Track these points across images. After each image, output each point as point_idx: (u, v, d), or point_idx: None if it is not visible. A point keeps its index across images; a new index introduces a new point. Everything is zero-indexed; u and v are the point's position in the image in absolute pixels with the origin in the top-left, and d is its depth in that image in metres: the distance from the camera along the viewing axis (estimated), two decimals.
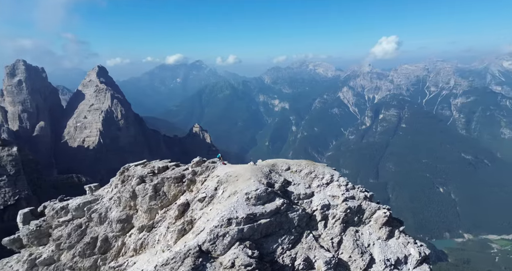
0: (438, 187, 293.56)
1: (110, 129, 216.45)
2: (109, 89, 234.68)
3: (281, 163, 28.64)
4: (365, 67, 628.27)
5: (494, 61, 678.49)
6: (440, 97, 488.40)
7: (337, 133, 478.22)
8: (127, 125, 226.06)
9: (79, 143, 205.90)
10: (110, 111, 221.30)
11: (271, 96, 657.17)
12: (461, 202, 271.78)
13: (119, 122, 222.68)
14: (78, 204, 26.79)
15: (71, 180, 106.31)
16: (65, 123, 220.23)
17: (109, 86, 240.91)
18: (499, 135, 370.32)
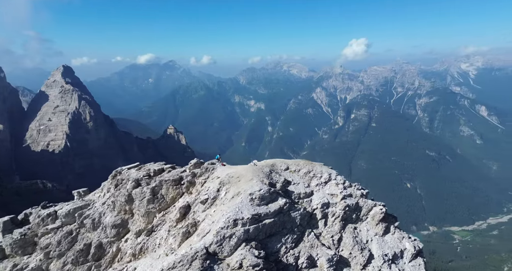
0: (406, 183, 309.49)
1: (78, 131, 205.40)
2: (76, 90, 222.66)
3: (279, 163, 28.95)
4: (337, 69, 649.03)
5: (453, 63, 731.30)
6: (406, 97, 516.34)
7: (312, 133, 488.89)
8: (97, 127, 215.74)
9: (43, 147, 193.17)
10: (77, 113, 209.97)
11: (247, 97, 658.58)
12: (426, 196, 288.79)
13: (87, 124, 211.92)
14: (68, 210, 25.76)
15: (35, 186, 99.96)
16: (27, 126, 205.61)
17: (76, 87, 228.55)
18: (458, 132, 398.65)
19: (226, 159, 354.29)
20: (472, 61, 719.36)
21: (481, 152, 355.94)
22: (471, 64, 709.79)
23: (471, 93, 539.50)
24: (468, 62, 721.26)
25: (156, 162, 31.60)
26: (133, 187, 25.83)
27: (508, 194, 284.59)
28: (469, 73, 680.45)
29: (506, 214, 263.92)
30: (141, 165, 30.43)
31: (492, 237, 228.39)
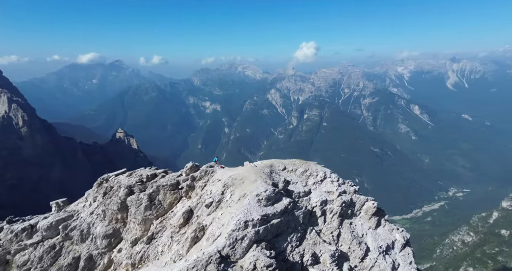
0: (355, 178, 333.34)
1: (9, 138, 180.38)
2: (5, 91, 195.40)
3: (277, 163, 29.42)
4: (290, 70, 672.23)
5: (390, 66, 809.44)
6: (352, 97, 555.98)
7: (268, 133, 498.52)
8: (32, 133, 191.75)
9: None
10: (7, 117, 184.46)
11: (202, 98, 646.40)
12: (372, 190, 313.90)
13: (20, 130, 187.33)
14: (49, 223, 24.32)
15: None
16: None
17: (5, 88, 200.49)
18: (397, 130, 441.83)
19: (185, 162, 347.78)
20: (406, 65, 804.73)
21: (416, 147, 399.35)
22: (405, 67, 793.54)
23: (406, 93, 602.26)
24: (403, 66, 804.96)
25: (147, 167, 30.42)
26: (126, 194, 24.83)
27: (438, 183, 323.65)
28: (404, 75, 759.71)
29: (437, 201, 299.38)
30: (131, 171, 29.05)
31: (427, 223, 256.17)
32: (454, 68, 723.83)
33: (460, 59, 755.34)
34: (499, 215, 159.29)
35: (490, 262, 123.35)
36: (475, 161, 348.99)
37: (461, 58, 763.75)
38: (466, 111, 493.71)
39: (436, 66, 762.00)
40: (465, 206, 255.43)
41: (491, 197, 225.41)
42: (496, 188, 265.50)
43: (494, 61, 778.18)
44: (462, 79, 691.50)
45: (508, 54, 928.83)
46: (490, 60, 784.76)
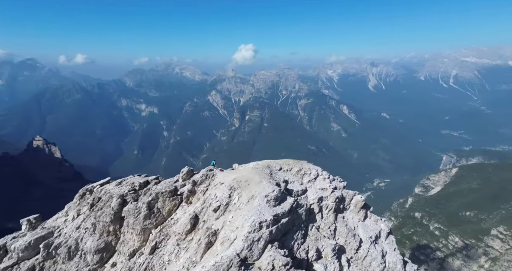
0: None
1: None
2: None
3: (273, 164, 29.97)
4: (229, 72, 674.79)
5: (322, 69, 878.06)
6: (290, 99, 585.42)
7: (210, 135, 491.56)
8: None
9: None
10: None
11: (136, 100, 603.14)
12: None
13: None
14: (27, 242, 22.44)
15: None
16: None
17: None
18: (330, 128, 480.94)
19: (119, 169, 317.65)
20: (335, 68, 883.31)
21: (346, 143, 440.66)
22: (334, 70, 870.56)
23: (336, 94, 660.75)
24: (332, 69, 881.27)
25: (136, 175, 29.29)
26: (119, 204, 23.66)
27: (365, 176, 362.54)
28: (333, 78, 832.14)
29: (365, 192, 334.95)
30: (119, 180, 27.82)
31: None
32: (374, 72, 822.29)
33: (378, 64, 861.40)
34: (413, 200, 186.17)
35: (407, 242, 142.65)
36: (393, 154, 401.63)
37: (379, 63, 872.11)
38: (384, 110, 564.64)
39: (359, 69, 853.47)
40: (387, 195, 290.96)
41: (407, 185, 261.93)
42: (410, 177, 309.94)
43: (403, 66, 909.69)
44: (380, 81, 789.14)
45: (414, 60, 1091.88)
46: (400, 65, 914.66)
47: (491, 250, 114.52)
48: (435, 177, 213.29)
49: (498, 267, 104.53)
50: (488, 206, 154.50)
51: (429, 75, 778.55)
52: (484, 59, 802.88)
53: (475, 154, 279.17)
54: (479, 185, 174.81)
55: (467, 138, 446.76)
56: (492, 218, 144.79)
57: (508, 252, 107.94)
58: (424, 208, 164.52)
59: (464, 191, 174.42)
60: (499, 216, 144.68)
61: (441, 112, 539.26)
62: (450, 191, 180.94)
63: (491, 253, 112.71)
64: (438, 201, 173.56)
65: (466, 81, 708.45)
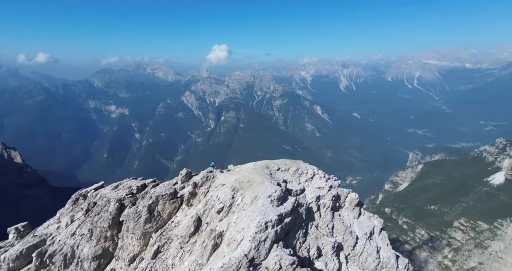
0: None
1: None
2: None
3: (271, 164, 30.30)
4: (203, 73, 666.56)
5: (295, 71, 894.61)
6: (265, 99, 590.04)
7: (185, 137, 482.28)
8: None
9: None
10: None
11: (105, 102, 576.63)
12: None
13: None
14: (18, 252, 21.62)
15: None
16: None
17: None
18: (304, 128, 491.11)
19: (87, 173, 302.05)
20: (308, 70, 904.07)
21: (320, 143, 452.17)
22: (307, 72, 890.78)
23: (310, 95, 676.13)
24: (305, 70, 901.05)
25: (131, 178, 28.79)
26: (117, 209, 23.18)
27: (338, 174, 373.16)
28: (306, 79, 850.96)
29: None
30: (115, 184, 27.41)
31: None
32: (345, 73, 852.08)
33: (348, 65, 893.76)
34: (383, 196, 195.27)
35: None
36: (364, 152, 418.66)
37: (349, 65, 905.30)
38: (355, 110, 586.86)
39: (331, 71, 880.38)
40: (359, 192, 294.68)
41: (377, 182, 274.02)
42: (380, 174, 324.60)
43: (372, 67, 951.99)
44: (351, 82, 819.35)
45: (382, 62, 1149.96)
46: (369, 67, 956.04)
47: (454, 241, 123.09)
48: (402, 174, 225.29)
49: (460, 257, 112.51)
50: (450, 199, 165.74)
51: (396, 76, 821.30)
52: (444, 61, 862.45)
53: (438, 151, 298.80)
54: (442, 180, 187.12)
55: (430, 136, 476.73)
56: (454, 211, 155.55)
57: (468, 242, 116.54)
58: (393, 203, 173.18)
59: (429, 186, 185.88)
60: (460, 209, 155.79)
61: (407, 111, 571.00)
62: (416, 187, 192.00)
63: (453, 244, 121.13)
64: (406, 196, 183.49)
65: (429, 82, 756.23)
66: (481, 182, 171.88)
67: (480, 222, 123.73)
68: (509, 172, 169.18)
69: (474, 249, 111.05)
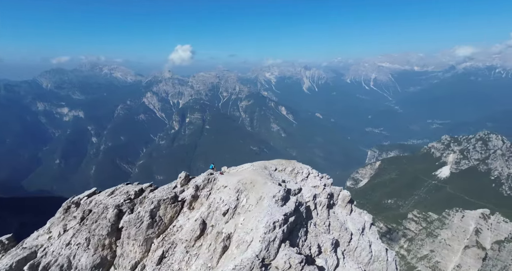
0: None
1: None
2: None
3: (268, 165, 30.73)
4: (166, 73, 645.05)
5: (260, 72, 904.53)
6: (231, 101, 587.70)
7: (147, 140, 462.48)
8: None
9: None
10: None
11: (57, 104, 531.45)
12: None
13: None
14: (8, 266, 20.21)
15: None
16: None
17: None
18: (270, 129, 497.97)
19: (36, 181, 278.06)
20: (272, 71, 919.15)
21: (285, 142, 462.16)
22: (272, 73, 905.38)
23: (275, 96, 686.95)
24: (269, 72, 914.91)
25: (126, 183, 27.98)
26: (115, 215, 22.60)
27: None
28: (271, 80, 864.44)
29: None
30: (111, 189, 26.42)
31: None
32: (307, 75, 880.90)
33: (310, 67, 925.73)
34: None
35: None
36: (327, 151, 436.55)
37: (311, 67, 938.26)
38: (318, 111, 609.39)
39: (294, 72, 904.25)
40: None
41: (340, 179, 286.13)
42: (342, 172, 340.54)
43: (332, 69, 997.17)
44: (313, 84, 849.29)
45: (341, 64, 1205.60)
46: (329, 69, 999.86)
47: (408, 231, 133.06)
48: (362, 171, 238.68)
49: (414, 246, 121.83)
50: (404, 193, 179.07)
51: (354, 78, 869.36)
52: (396, 64, 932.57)
53: (393, 148, 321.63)
54: (397, 175, 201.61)
55: (386, 134, 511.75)
56: (408, 204, 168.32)
57: (420, 232, 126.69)
58: (355, 199, 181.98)
59: (386, 181, 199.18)
60: (413, 201, 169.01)
61: (365, 111, 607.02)
62: (375, 182, 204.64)
63: (408, 234, 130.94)
64: (366, 192, 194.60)
65: (383, 83, 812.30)
66: (430, 176, 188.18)
67: (431, 213, 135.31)
68: (453, 166, 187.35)
69: (426, 238, 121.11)
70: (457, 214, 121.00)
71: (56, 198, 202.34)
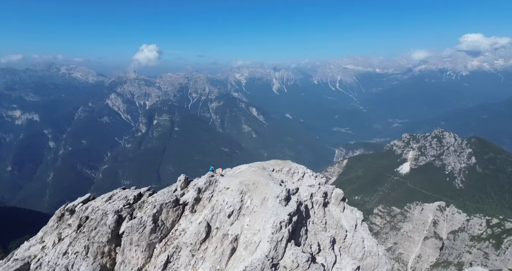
0: None
1: None
2: None
3: (266, 165, 31.15)
4: (131, 74, 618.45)
5: (230, 73, 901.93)
6: (200, 102, 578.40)
7: (112, 144, 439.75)
8: None
9: None
10: None
11: (7, 106, 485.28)
12: None
13: None
14: None
15: None
16: None
17: None
18: (241, 130, 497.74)
19: None
20: (242, 72, 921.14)
21: (257, 143, 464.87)
22: (242, 74, 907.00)
23: (245, 97, 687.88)
24: (239, 73, 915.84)
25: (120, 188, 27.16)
26: (116, 221, 22.13)
27: None
28: (241, 81, 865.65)
29: None
30: (107, 195, 25.62)
31: None
32: (277, 76, 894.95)
33: (279, 69, 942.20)
34: None
35: None
36: (297, 151, 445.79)
37: (280, 68, 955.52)
38: (287, 111, 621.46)
39: (264, 74, 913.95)
40: None
41: None
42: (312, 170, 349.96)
43: (300, 71, 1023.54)
44: (282, 85, 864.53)
45: (308, 66, 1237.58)
46: (298, 70, 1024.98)
47: (374, 226, 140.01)
48: (331, 169, 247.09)
49: (379, 240, 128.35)
50: (370, 189, 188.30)
51: (321, 79, 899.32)
52: (359, 66, 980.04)
53: (358, 146, 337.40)
54: (363, 172, 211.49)
55: (351, 134, 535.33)
56: (373, 199, 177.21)
57: (385, 226, 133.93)
58: None
59: (353, 178, 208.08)
60: (378, 197, 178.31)
61: (331, 112, 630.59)
62: (343, 180, 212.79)
63: (374, 229, 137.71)
64: None
65: (348, 85, 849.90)
66: (392, 172, 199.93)
67: (394, 207, 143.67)
68: (413, 162, 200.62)
69: (390, 231, 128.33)
70: (417, 207, 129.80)
71: (9, 208, 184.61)
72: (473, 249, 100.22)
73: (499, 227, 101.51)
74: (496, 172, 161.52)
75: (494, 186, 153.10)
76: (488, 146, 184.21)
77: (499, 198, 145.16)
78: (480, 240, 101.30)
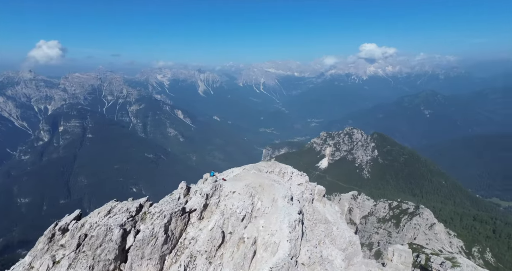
0: (131, 188, 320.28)
1: None
2: None
3: (262, 167, 32.00)
4: (26, 73, 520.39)
5: (151, 74, 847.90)
6: (118, 105, 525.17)
7: (2, 156, 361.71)
8: None
9: None
10: None
11: None
12: (152, 195, 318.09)
13: None
14: None
15: None
16: None
17: None
18: (167, 133, 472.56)
19: None
20: (164, 73, 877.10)
21: (184, 147, 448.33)
22: (164, 75, 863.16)
23: (169, 100, 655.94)
24: (161, 74, 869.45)
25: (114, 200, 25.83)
26: (121, 236, 20.62)
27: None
28: (164, 83, 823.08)
29: None
30: (105, 208, 23.55)
31: None
32: (202, 78, 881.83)
33: (204, 71, 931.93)
34: None
35: None
36: (226, 152, 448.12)
37: (205, 70, 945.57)
38: (215, 113, 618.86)
39: (188, 75, 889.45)
40: None
41: None
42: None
43: (225, 73, 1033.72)
44: (208, 87, 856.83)
45: (233, 68, 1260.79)
46: (223, 73, 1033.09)
47: None
48: None
49: None
50: None
51: (246, 82, 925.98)
52: (280, 70, 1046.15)
53: (283, 145, 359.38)
54: None
55: (276, 133, 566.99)
56: None
57: None
58: None
59: None
60: None
61: (257, 113, 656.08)
62: None
63: None
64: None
65: (271, 87, 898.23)
66: (314, 167, 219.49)
67: None
68: (330, 157, 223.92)
69: None
70: (336, 198, 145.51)
71: None
72: (379, 230, 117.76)
73: (398, 209, 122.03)
74: (393, 162, 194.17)
75: (392, 174, 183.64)
76: (386, 140, 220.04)
77: (396, 184, 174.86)
78: (385, 221, 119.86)
